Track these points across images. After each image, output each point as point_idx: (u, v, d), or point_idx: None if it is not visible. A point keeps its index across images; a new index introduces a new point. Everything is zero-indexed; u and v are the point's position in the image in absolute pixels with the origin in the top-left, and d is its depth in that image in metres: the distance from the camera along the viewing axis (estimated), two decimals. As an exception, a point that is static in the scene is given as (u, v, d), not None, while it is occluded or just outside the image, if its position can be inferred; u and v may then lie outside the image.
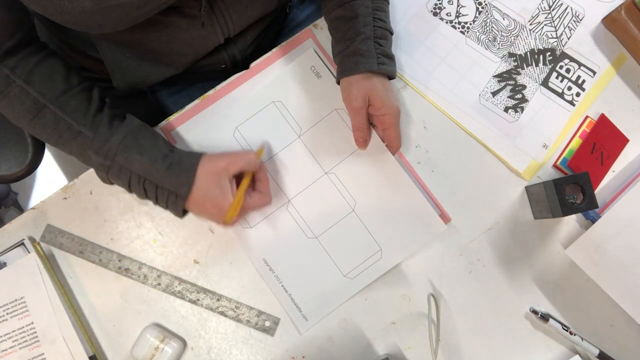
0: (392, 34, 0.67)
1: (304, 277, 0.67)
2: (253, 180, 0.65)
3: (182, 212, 0.62)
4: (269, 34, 0.80)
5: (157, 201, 0.61)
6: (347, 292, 0.67)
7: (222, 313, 0.66)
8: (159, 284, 0.66)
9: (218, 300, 0.66)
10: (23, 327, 0.63)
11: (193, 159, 0.61)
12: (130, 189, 0.61)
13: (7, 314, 0.63)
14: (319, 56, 0.71)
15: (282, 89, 0.70)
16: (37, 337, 0.62)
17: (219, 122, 0.69)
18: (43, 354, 0.62)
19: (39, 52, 0.59)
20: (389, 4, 0.68)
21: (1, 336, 0.63)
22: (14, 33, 0.57)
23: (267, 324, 0.66)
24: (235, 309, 0.66)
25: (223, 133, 0.69)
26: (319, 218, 0.68)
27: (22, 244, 0.66)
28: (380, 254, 0.67)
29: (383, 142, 0.68)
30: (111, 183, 0.62)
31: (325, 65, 0.71)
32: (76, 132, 0.59)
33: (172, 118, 0.69)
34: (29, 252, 0.65)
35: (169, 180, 0.59)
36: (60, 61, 0.61)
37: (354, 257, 0.67)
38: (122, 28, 0.56)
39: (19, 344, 0.63)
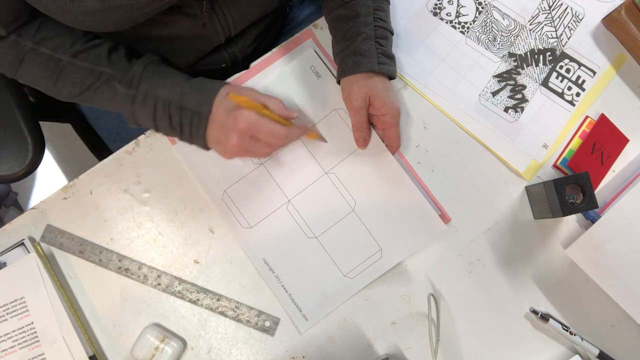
0: (392, 33, 0.67)
1: (304, 277, 0.67)
2: None
3: (205, 141, 0.60)
4: (270, 33, 0.80)
5: (181, 130, 0.60)
6: (347, 292, 0.67)
7: (222, 313, 0.66)
8: (159, 284, 0.66)
9: (218, 300, 0.66)
10: (23, 327, 0.63)
11: (216, 83, 0.61)
12: (155, 120, 0.60)
13: (7, 314, 0.63)
14: (319, 56, 0.71)
15: (282, 89, 0.70)
16: (37, 337, 0.62)
17: (219, 122, 0.69)
18: (43, 354, 0.62)
19: (37, 17, 0.60)
20: (389, 3, 0.68)
21: (1, 336, 0.63)
22: (20, 16, 0.58)
23: (267, 324, 0.66)
24: (235, 309, 0.66)
25: (223, 133, 0.69)
26: (319, 218, 0.68)
27: (22, 244, 0.66)
28: (380, 253, 0.67)
29: (383, 142, 0.68)
30: (138, 125, 0.62)
31: (325, 65, 0.71)
32: (97, 74, 0.60)
33: (172, 118, 0.70)
34: (29, 252, 0.65)
35: (192, 98, 0.59)
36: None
37: (354, 257, 0.67)
38: (123, 28, 0.56)
39: (19, 344, 0.63)
